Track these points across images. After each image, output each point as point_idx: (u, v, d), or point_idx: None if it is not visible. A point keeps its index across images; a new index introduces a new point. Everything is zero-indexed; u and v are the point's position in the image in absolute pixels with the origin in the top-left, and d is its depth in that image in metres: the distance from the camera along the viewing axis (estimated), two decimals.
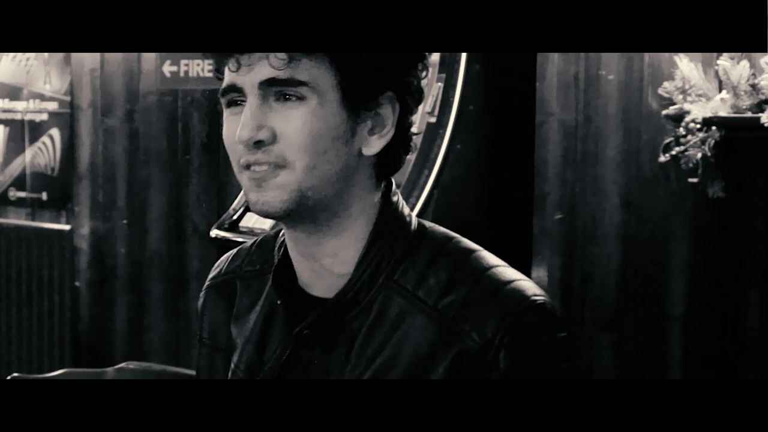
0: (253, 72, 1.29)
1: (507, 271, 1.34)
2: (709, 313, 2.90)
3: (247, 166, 1.31)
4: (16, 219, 4.58)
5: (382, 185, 1.38)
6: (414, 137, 1.39)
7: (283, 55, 1.28)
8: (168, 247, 4.16)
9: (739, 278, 2.84)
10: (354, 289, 1.34)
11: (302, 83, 1.29)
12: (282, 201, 1.30)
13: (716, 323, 2.89)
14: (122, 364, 2.00)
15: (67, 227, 4.40)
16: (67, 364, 4.26)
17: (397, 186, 1.40)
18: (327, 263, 1.36)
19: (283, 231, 1.44)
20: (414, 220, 1.39)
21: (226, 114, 1.34)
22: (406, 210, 1.39)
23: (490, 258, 1.36)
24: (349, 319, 1.34)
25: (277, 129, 1.29)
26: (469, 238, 1.39)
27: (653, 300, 2.99)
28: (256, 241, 1.51)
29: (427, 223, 1.40)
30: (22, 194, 4.53)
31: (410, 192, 2.88)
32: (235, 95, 1.32)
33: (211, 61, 1.37)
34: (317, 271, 1.37)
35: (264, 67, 1.29)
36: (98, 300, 4.36)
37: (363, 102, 1.32)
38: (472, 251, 1.36)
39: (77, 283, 4.39)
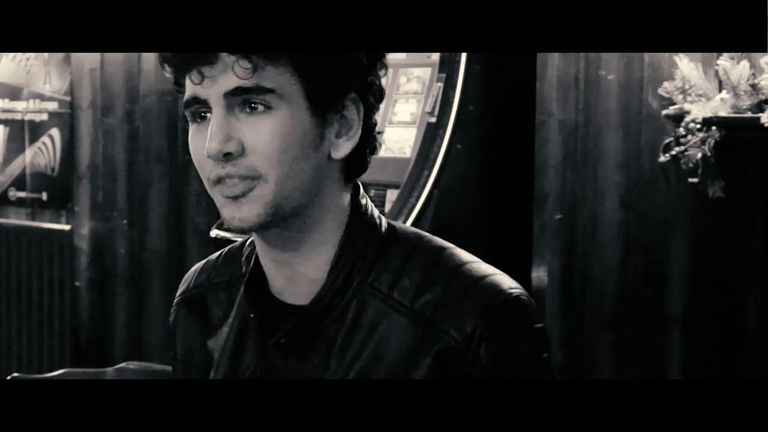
0: (217, 84, 1.27)
1: (481, 267, 1.34)
2: (709, 313, 2.90)
3: (218, 180, 1.29)
4: (16, 219, 4.58)
5: (350, 188, 1.37)
6: (378, 136, 1.38)
7: (247, 64, 1.25)
8: (168, 247, 4.16)
9: (739, 278, 2.84)
10: (328, 295, 1.33)
11: (269, 90, 1.27)
12: (258, 215, 1.29)
13: (716, 323, 2.89)
14: (122, 364, 2.01)
15: (67, 227, 4.40)
16: (67, 364, 4.26)
17: (397, 186, 1.41)
18: (301, 269, 1.35)
19: (248, 242, 1.45)
20: (384, 221, 1.38)
21: (192, 129, 1.32)
22: (376, 212, 1.39)
23: (462, 255, 1.36)
24: (325, 326, 1.33)
25: (246, 141, 1.27)
26: (469, 238, 1.39)
27: (653, 300, 2.99)
28: (222, 252, 1.51)
29: (397, 224, 1.40)
30: (22, 194, 4.53)
31: (410, 192, 2.87)
32: (200, 107, 1.30)
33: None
34: (291, 278, 1.36)
35: (228, 77, 1.26)
36: (98, 300, 4.36)
37: (329, 105, 1.31)
38: (444, 249, 1.36)
39: (77, 283, 4.39)
